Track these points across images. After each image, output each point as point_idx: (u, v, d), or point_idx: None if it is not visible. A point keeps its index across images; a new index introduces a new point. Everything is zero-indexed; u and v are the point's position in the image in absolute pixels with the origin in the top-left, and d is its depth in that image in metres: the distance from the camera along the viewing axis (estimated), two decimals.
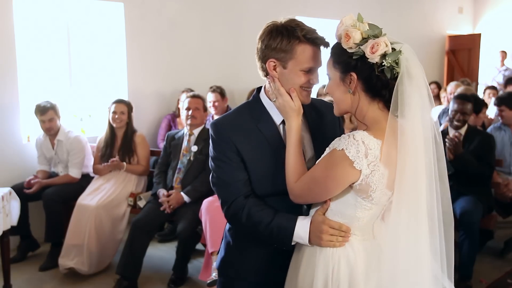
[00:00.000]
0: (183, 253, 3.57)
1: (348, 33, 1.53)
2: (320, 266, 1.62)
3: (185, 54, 5.62)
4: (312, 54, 1.68)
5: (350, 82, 1.56)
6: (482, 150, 3.84)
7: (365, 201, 1.55)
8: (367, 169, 1.49)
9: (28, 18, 4.71)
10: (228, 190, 1.75)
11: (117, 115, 4.18)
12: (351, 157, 1.48)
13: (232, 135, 1.74)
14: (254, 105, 1.81)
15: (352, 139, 1.50)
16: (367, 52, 1.51)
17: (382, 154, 1.50)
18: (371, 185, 1.51)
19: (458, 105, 3.93)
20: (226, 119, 1.81)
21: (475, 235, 3.62)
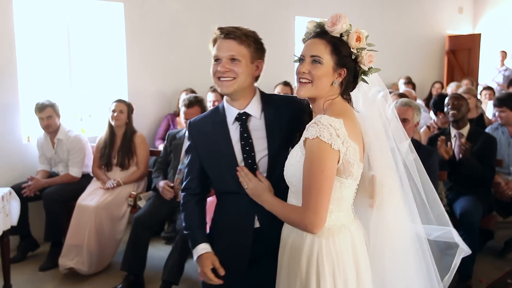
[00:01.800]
0: (181, 251, 3.57)
1: (359, 36, 1.69)
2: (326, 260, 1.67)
3: (185, 54, 5.62)
4: (219, 45, 1.92)
5: (339, 76, 1.71)
6: (485, 152, 3.85)
7: (348, 179, 1.67)
8: (343, 147, 1.61)
9: (28, 18, 4.71)
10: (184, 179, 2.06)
11: (116, 113, 4.18)
12: (327, 141, 1.59)
13: (193, 133, 2.00)
14: (218, 108, 1.99)
15: (321, 125, 1.60)
16: (365, 59, 1.70)
17: (348, 130, 1.63)
18: (350, 161, 1.63)
19: (450, 99, 4.04)
20: (197, 119, 2.04)
21: (475, 235, 3.61)
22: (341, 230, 1.69)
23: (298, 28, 6.84)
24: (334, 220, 1.70)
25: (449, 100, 4.05)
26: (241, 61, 1.85)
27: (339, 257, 1.66)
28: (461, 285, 3.57)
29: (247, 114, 1.91)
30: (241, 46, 1.85)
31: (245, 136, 1.89)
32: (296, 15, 6.74)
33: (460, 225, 3.68)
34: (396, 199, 1.72)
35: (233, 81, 1.85)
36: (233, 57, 1.84)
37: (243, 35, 1.86)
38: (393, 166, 1.73)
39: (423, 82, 8.41)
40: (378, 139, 1.72)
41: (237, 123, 1.91)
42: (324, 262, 1.65)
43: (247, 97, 1.91)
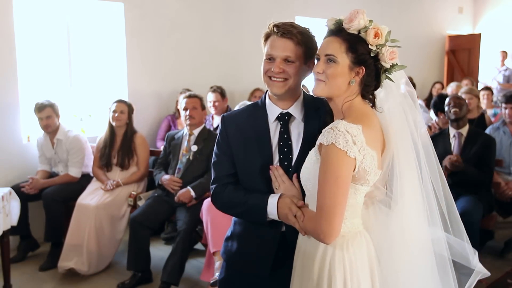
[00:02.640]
0: (182, 252, 3.57)
1: (377, 32, 1.61)
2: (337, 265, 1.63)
3: (185, 54, 5.62)
4: (272, 43, 1.79)
5: (357, 74, 1.63)
6: (484, 153, 3.85)
7: (363, 186, 1.62)
8: (360, 155, 1.55)
9: (28, 18, 4.71)
10: (216, 175, 1.93)
11: (117, 114, 4.18)
12: (342, 148, 1.53)
13: (228, 129, 1.90)
14: (258, 104, 1.92)
15: (336, 131, 1.54)
16: (386, 56, 1.62)
17: (366, 137, 1.56)
18: (366, 169, 1.57)
19: (451, 99, 4.05)
20: (231, 114, 1.96)
21: (475, 235, 3.61)
22: (356, 237, 1.65)
23: None
24: (350, 227, 1.65)
25: (450, 99, 4.07)
26: (295, 62, 1.77)
27: (352, 266, 1.61)
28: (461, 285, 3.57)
29: (289, 114, 1.84)
30: (297, 46, 1.76)
31: (285, 137, 1.83)
32: (296, 15, 6.74)
33: None
34: (417, 202, 1.66)
35: (285, 82, 1.78)
36: (288, 58, 1.76)
37: (299, 33, 1.77)
38: (415, 167, 1.67)
39: (423, 82, 8.41)
40: (401, 140, 1.66)
41: (277, 122, 1.84)
42: (335, 271, 1.60)
43: (294, 98, 1.84)
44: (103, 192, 4.07)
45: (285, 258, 1.82)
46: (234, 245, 1.95)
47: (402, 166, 1.65)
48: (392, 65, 1.65)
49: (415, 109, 1.71)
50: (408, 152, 1.66)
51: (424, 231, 1.66)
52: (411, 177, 1.66)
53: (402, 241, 1.64)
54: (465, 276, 1.70)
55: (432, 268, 1.66)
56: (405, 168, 1.65)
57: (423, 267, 1.66)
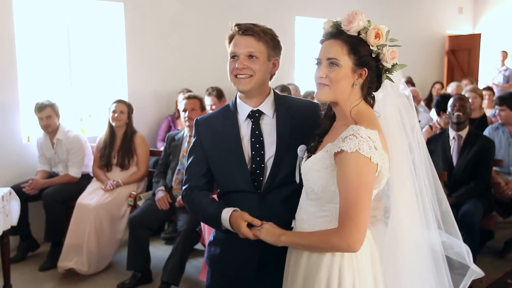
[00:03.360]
0: (182, 251, 3.57)
1: (378, 32, 1.60)
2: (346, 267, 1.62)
3: (185, 54, 5.62)
4: (235, 42, 1.84)
5: (360, 76, 1.62)
6: (482, 156, 3.84)
7: (375, 189, 1.61)
8: (380, 160, 1.56)
9: (28, 18, 4.71)
10: (186, 177, 2.00)
11: (117, 114, 4.18)
12: (366, 154, 1.52)
13: (201, 132, 1.94)
14: (229, 106, 1.96)
15: (359, 137, 1.52)
16: (388, 56, 1.61)
17: (381, 142, 1.57)
18: (384, 174, 1.59)
19: (456, 100, 3.99)
20: (204, 117, 2.00)
21: (475, 235, 3.61)
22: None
23: (298, 28, 6.84)
24: None
25: (454, 101, 4.01)
26: (258, 58, 1.81)
27: (360, 269, 1.61)
28: None
29: (260, 111, 1.88)
30: (259, 42, 1.81)
31: (256, 134, 1.86)
32: (296, 15, 6.74)
33: (460, 226, 3.66)
34: (411, 206, 1.66)
35: (250, 78, 1.81)
36: (251, 54, 1.80)
37: (261, 31, 1.82)
38: (410, 171, 1.66)
39: (423, 82, 8.41)
40: (396, 144, 1.65)
41: (249, 120, 1.88)
42: (345, 276, 1.60)
43: (262, 95, 1.88)
44: (103, 192, 4.07)
45: (269, 258, 1.84)
46: (217, 250, 1.96)
47: (396, 171, 1.64)
48: (393, 65, 1.64)
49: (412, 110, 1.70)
50: (403, 156, 1.65)
51: (419, 235, 1.66)
52: (405, 182, 1.65)
53: (397, 246, 1.64)
54: (459, 276, 1.70)
55: (428, 270, 1.67)
56: (399, 173, 1.65)
57: (418, 270, 1.66)
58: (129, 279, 3.73)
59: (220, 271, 1.99)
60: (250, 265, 1.88)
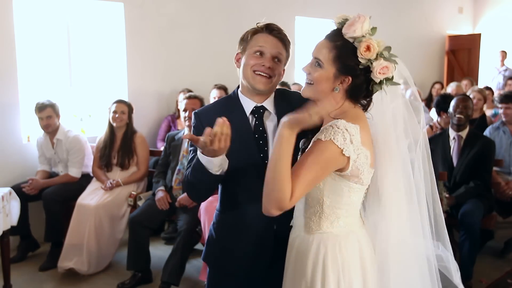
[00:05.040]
0: (182, 251, 3.58)
1: (369, 45, 1.58)
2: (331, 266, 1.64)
3: (185, 54, 5.61)
4: (263, 39, 1.82)
5: (342, 83, 1.62)
6: (482, 156, 3.84)
7: (357, 184, 1.62)
8: (354, 154, 1.56)
9: (28, 18, 4.70)
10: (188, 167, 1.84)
11: (117, 114, 4.18)
12: (340, 146, 1.54)
13: (205, 123, 1.79)
14: (231, 98, 1.93)
15: (336, 128, 1.54)
16: (376, 71, 1.59)
17: (362, 137, 1.58)
18: (359, 168, 1.59)
19: (459, 101, 3.96)
20: (204, 109, 1.96)
21: (475, 235, 3.62)
22: (349, 236, 1.66)
23: (298, 28, 6.84)
24: (342, 226, 1.65)
25: (457, 101, 3.97)
26: (281, 62, 1.84)
27: (345, 266, 1.62)
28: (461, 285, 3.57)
29: (264, 108, 1.86)
30: (284, 49, 1.85)
31: (260, 130, 1.85)
32: (296, 15, 6.74)
33: (460, 226, 3.68)
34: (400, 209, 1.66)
35: (269, 79, 1.81)
36: (277, 56, 1.82)
37: (287, 39, 1.86)
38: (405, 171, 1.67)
39: (423, 82, 8.40)
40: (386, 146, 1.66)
41: (252, 116, 1.86)
42: (329, 271, 1.61)
43: (269, 94, 1.89)
44: (103, 192, 4.07)
45: (278, 257, 1.81)
46: (221, 247, 1.92)
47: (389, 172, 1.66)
48: (383, 80, 1.62)
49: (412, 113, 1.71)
50: (397, 157, 1.66)
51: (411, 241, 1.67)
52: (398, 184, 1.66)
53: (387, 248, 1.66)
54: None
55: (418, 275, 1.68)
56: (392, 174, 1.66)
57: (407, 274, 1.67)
58: (129, 279, 3.73)
59: (223, 270, 1.94)
60: (262, 262, 1.85)
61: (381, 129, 1.66)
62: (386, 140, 1.66)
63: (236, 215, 1.88)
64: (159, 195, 3.85)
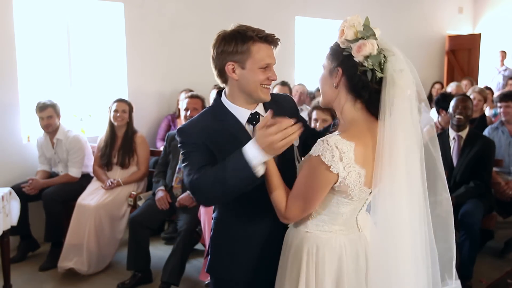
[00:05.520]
0: (182, 251, 3.58)
1: (343, 29, 1.61)
2: (304, 262, 1.68)
3: (185, 54, 5.61)
4: (266, 51, 1.76)
5: (336, 76, 1.64)
6: (482, 156, 3.83)
7: (345, 199, 1.63)
8: (344, 172, 1.56)
9: (28, 18, 4.71)
10: (189, 168, 1.73)
11: (118, 113, 4.18)
12: (327, 162, 1.55)
13: (202, 136, 1.76)
14: (217, 108, 1.85)
15: (326, 144, 1.56)
16: (354, 50, 1.59)
17: (356, 155, 1.56)
18: (349, 185, 1.59)
19: (459, 101, 3.94)
20: (192, 123, 1.83)
21: (475, 235, 3.61)
22: (331, 241, 1.68)
23: (298, 28, 6.84)
24: (327, 230, 1.69)
25: (457, 102, 3.95)
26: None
27: (319, 268, 1.66)
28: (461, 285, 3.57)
29: (258, 113, 1.83)
30: None
31: None
32: (296, 15, 6.74)
33: (460, 226, 3.68)
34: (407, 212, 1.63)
35: (269, 88, 1.82)
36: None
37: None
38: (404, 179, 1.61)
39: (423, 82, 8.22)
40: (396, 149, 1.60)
41: (247, 123, 1.81)
42: (303, 267, 1.67)
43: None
44: (103, 192, 4.07)
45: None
46: (227, 257, 1.87)
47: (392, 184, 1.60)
48: (365, 57, 1.57)
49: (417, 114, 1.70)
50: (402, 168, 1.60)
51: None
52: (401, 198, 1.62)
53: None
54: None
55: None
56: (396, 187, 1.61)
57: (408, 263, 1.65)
58: (129, 279, 3.73)
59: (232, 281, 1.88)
60: (271, 267, 1.82)
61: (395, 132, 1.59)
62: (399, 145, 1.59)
63: (242, 224, 1.85)
64: (159, 195, 3.85)
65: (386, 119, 1.57)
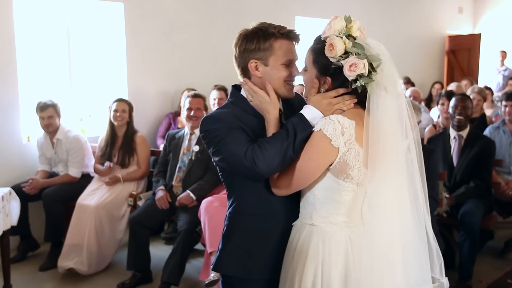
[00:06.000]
0: (182, 251, 3.58)
1: (332, 43, 1.60)
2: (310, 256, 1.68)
3: (185, 54, 5.62)
4: (289, 47, 1.78)
5: (324, 83, 1.67)
6: (482, 156, 3.83)
7: (346, 182, 1.64)
8: (344, 147, 1.59)
9: (28, 18, 4.71)
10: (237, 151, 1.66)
11: (118, 113, 4.18)
12: (328, 135, 1.58)
13: (236, 122, 1.74)
14: (240, 102, 1.85)
15: (328, 119, 1.62)
16: (345, 68, 1.60)
17: (357, 133, 1.60)
18: (348, 163, 1.61)
19: (458, 101, 3.93)
20: (221, 112, 1.81)
21: (475, 235, 3.61)
22: (337, 234, 1.68)
23: (298, 28, 6.83)
24: (333, 222, 1.68)
25: (456, 102, 3.95)
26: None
27: (325, 261, 1.65)
28: (461, 285, 3.57)
29: (281, 110, 1.83)
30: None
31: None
32: (296, 15, 6.74)
33: (460, 226, 3.68)
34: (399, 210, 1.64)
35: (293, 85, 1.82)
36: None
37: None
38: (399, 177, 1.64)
39: (423, 82, 8.40)
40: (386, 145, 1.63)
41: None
42: (309, 263, 1.67)
43: None
44: (103, 192, 4.07)
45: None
46: (246, 253, 1.82)
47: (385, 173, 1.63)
48: (357, 77, 1.59)
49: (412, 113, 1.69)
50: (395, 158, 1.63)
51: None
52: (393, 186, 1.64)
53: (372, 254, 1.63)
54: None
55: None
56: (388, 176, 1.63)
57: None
58: (129, 279, 3.73)
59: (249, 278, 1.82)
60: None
61: (382, 128, 1.64)
62: (386, 139, 1.63)
63: (261, 221, 1.81)
64: (159, 195, 3.85)
65: (373, 112, 1.62)
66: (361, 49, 1.60)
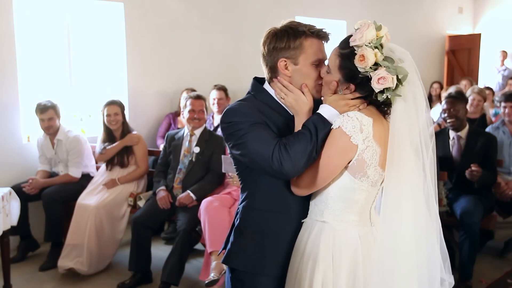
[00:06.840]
0: (181, 251, 3.58)
1: (364, 54, 1.58)
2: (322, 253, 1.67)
3: (185, 54, 5.62)
4: (319, 46, 1.75)
5: (347, 88, 1.66)
6: (486, 152, 3.84)
7: (362, 181, 1.64)
8: (363, 144, 1.59)
9: (28, 18, 4.71)
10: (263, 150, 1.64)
11: (111, 117, 4.17)
12: (348, 132, 1.58)
13: (261, 116, 1.71)
14: (263, 95, 1.81)
15: (346, 116, 1.60)
16: (374, 80, 1.59)
17: (375, 131, 1.60)
18: (366, 161, 1.61)
19: (448, 104, 3.92)
20: (244, 105, 1.76)
21: (475, 235, 3.61)
22: (347, 233, 1.68)
23: None
24: (344, 221, 1.69)
25: (446, 105, 3.93)
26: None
27: (335, 260, 1.65)
28: (461, 285, 3.57)
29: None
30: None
31: None
32: (296, 15, 6.73)
33: (460, 226, 3.68)
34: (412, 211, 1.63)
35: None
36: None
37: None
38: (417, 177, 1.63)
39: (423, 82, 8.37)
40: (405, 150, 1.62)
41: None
42: (319, 262, 1.66)
43: None
44: (103, 192, 4.08)
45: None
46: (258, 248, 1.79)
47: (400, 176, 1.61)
48: (383, 89, 1.59)
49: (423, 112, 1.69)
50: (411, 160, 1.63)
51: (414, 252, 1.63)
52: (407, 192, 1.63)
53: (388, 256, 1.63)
54: None
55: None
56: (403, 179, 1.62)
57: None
58: (129, 279, 3.73)
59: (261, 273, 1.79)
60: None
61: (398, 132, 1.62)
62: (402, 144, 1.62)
63: (274, 218, 1.79)
64: (160, 195, 3.85)
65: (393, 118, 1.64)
66: (391, 62, 1.60)
